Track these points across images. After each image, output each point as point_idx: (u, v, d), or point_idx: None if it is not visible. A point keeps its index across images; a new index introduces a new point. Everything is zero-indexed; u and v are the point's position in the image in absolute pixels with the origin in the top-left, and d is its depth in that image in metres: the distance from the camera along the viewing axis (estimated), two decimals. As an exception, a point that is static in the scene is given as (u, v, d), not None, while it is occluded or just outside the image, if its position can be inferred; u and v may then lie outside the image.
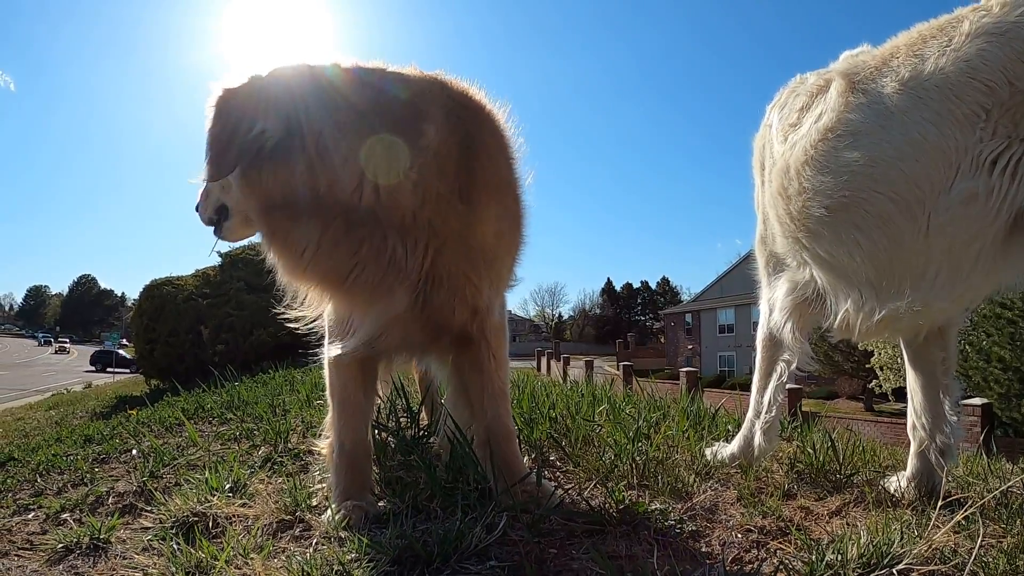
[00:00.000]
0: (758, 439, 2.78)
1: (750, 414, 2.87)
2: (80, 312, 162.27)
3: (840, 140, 2.28)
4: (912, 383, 2.68)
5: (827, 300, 2.46)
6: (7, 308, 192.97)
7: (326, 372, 2.55)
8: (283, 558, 2.01)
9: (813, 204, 2.33)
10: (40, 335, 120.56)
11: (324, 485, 2.53)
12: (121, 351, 63.46)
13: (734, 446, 2.89)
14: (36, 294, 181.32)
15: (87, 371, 58.16)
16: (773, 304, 2.71)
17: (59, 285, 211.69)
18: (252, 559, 2.00)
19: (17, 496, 3.30)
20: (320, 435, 2.73)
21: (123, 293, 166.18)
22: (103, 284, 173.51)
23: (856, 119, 2.26)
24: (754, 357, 2.88)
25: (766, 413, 2.79)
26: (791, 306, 2.61)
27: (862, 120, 2.24)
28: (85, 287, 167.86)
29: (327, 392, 2.57)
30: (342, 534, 2.12)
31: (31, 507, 3.05)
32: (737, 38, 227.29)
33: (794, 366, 2.73)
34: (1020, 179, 1.99)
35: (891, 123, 2.17)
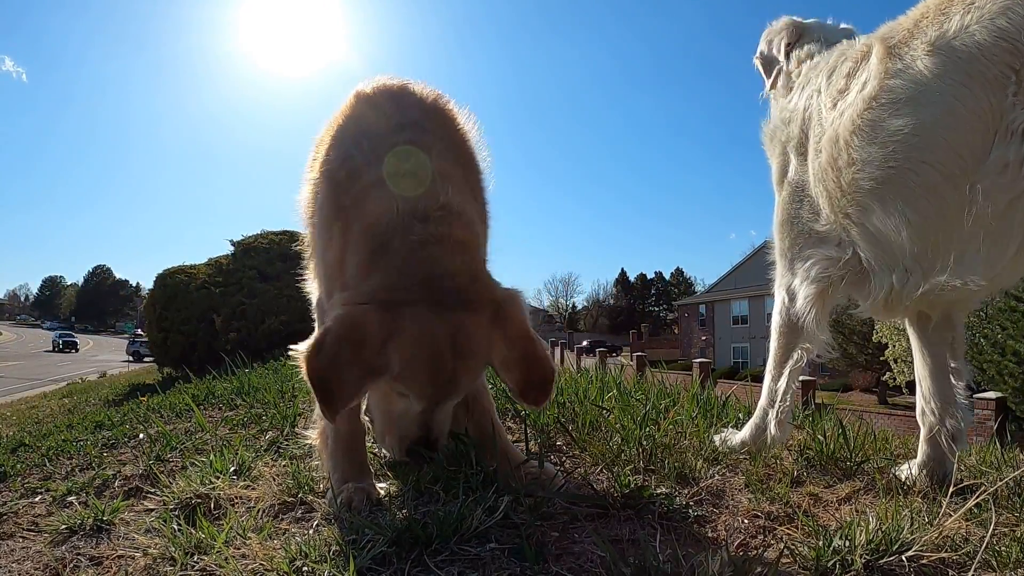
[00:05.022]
0: (772, 428, 2.74)
1: (763, 402, 2.81)
2: (95, 302, 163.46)
3: (884, 109, 2.19)
4: (920, 369, 2.62)
5: (869, 277, 2.36)
6: (23, 299, 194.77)
7: None
8: (282, 539, 2.01)
9: (862, 176, 2.26)
10: (56, 331, 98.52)
11: (324, 473, 2.51)
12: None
13: (745, 433, 2.85)
14: (51, 284, 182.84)
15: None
16: (795, 290, 2.61)
17: (74, 275, 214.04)
18: (251, 539, 1.99)
19: (26, 480, 3.31)
20: (309, 426, 2.73)
21: (138, 283, 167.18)
22: (118, 274, 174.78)
23: (896, 85, 2.17)
24: (767, 348, 2.82)
25: (780, 402, 2.73)
26: (817, 291, 2.53)
27: (902, 86, 2.16)
28: (100, 277, 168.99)
29: None
30: (343, 515, 2.11)
31: (39, 490, 3.05)
32: (752, 27, 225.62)
33: (812, 354, 2.67)
34: None
35: (927, 88, 2.09)
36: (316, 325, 2.58)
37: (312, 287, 2.84)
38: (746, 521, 2.12)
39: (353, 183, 2.25)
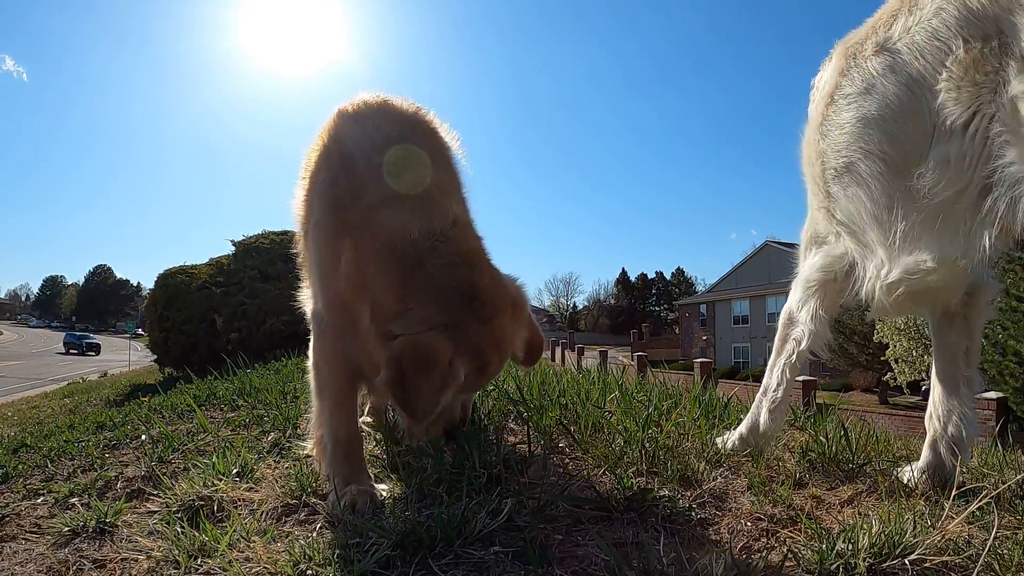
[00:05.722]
0: (763, 417, 2.75)
1: (759, 393, 2.84)
2: (96, 302, 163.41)
3: (837, 104, 2.39)
4: (934, 372, 2.65)
5: (856, 269, 2.48)
6: (23, 298, 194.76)
7: (312, 372, 2.61)
8: (285, 542, 2.01)
9: (827, 167, 2.43)
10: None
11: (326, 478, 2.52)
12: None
13: (742, 427, 2.86)
14: (52, 284, 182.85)
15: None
16: (797, 283, 2.70)
17: (75, 275, 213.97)
18: (254, 542, 1.99)
19: (28, 481, 3.30)
20: (306, 437, 2.75)
21: (139, 283, 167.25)
22: (119, 274, 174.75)
23: (846, 83, 2.37)
24: (768, 348, 2.86)
25: (773, 392, 2.75)
26: (819, 281, 2.60)
27: (850, 84, 2.34)
28: (101, 277, 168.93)
29: (313, 391, 2.60)
30: (347, 518, 2.11)
31: (41, 492, 3.04)
32: (749, 31, 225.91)
33: (804, 345, 2.66)
34: (988, 145, 1.94)
35: (874, 86, 2.24)
36: (312, 336, 2.62)
37: (306, 296, 2.90)
38: (749, 524, 2.12)
39: (357, 200, 2.37)
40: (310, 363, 2.62)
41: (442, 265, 2.24)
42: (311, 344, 2.62)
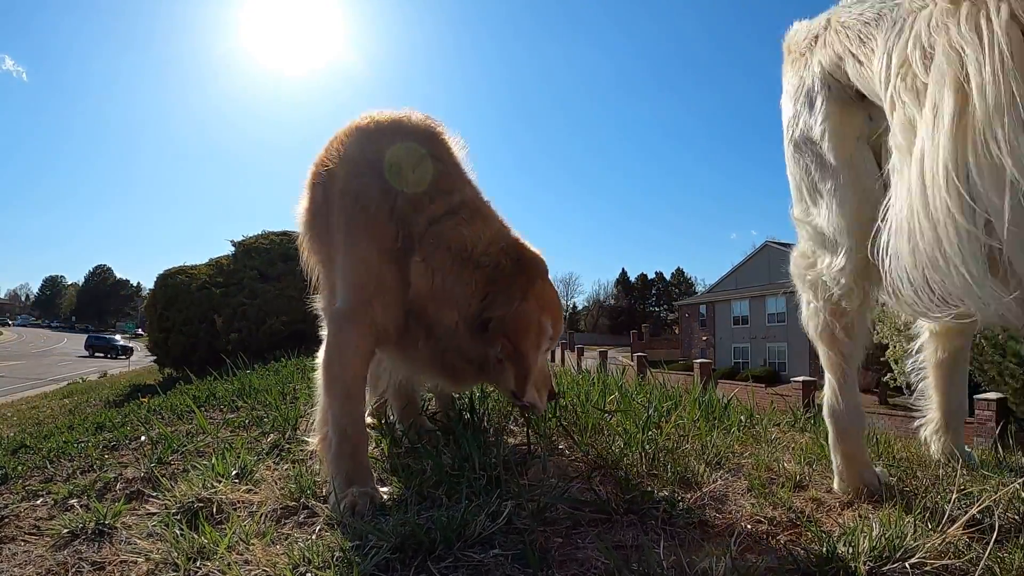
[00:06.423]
0: None
1: None
2: (96, 302, 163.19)
3: None
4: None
5: None
6: (23, 298, 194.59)
7: (323, 368, 2.58)
8: (285, 544, 2.00)
9: None
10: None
11: (327, 477, 2.50)
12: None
13: None
14: (52, 284, 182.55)
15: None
16: None
17: (75, 275, 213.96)
18: (253, 544, 1.99)
19: (27, 482, 3.31)
20: (311, 432, 2.75)
21: (139, 283, 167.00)
22: (119, 274, 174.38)
23: None
24: (768, 347, 2.94)
25: None
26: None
27: None
28: (101, 277, 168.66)
29: (322, 386, 2.58)
30: (346, 520, 2.11)
31: (40, 493, 3.05)
32: (743, 33, 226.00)
33: None
34: None
35: None
36: (328, 333, 2.63)
37: (324, 298, 2.97)
38: (749, 526, 2.11)
39: (418, 213, 2.57)
40: (320, 360, 2.61)
41: (509, 261, 2.63)
42: (325, 341, 2.62)
